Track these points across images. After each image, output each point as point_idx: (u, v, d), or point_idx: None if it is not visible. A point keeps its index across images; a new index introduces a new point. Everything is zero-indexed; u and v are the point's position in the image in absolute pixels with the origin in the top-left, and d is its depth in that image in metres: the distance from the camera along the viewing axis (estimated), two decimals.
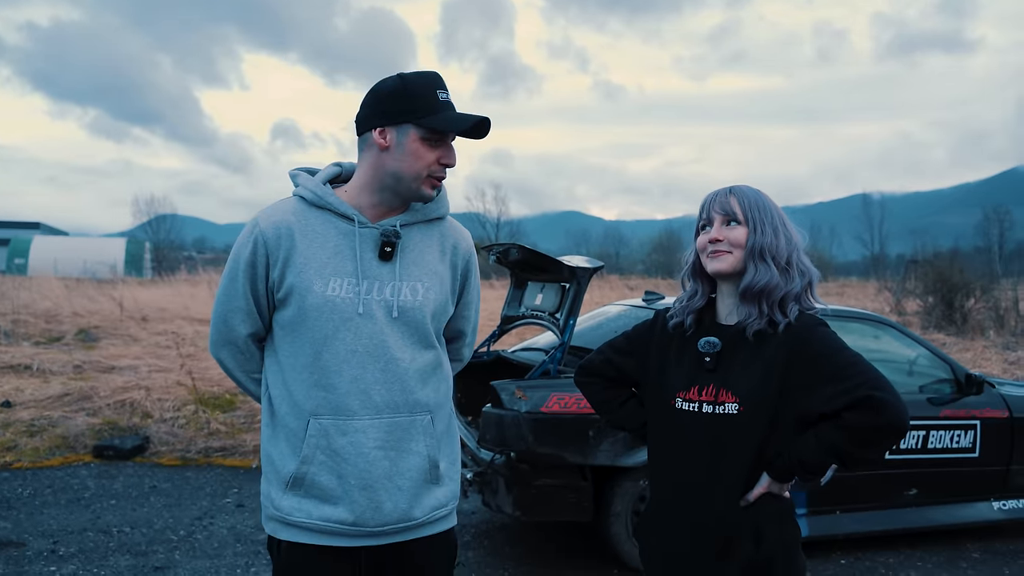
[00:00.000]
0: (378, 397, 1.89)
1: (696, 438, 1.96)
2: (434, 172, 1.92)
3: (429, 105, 1.88)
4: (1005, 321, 19.07)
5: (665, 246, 71.89)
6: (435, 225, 2.04)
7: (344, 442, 1.87)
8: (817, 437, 1.85)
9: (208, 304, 17.10)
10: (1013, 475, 5.31)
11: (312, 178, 2.00)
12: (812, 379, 1.86)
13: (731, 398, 1.92)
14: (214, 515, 5.35)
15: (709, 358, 1.97)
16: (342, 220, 1.93)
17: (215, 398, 8.26)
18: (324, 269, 1.89)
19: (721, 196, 2.02)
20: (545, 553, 4.83)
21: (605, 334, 5.20)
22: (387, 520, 1.90)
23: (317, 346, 1.89)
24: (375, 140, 1.91)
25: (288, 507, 1.92)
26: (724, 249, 1.97)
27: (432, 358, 1.98)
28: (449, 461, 2.04)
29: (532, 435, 4.22)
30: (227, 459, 6.76)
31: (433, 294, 1.97)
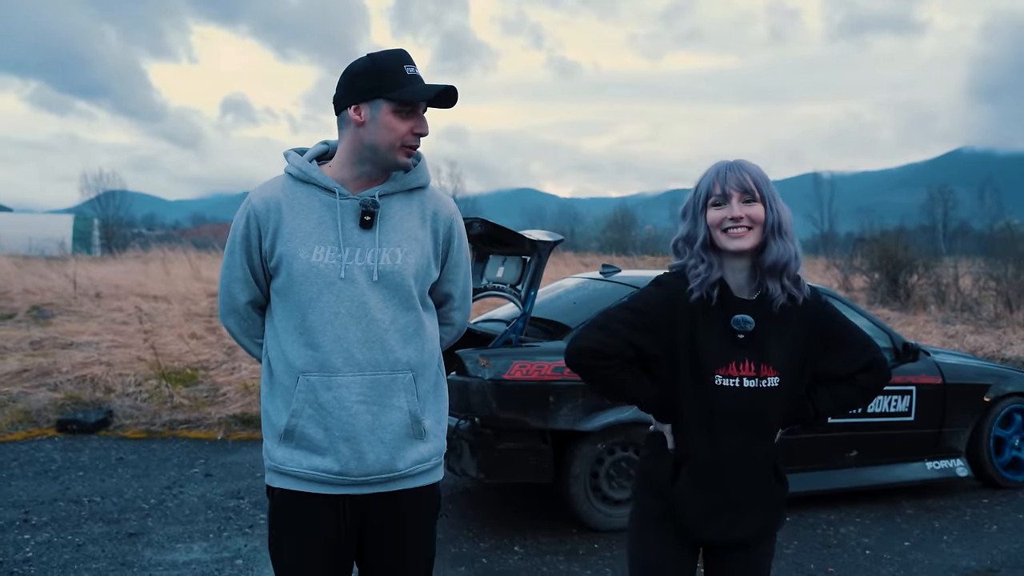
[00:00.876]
0: (360, 355, 2.04)
1: (736, 409, 2.09)
2: (407, 141, 2.07)
3: (397, 79, 2.03)
4: (946, 297, 19.74)
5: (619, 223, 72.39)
6: (416, 194, 2.18)
7: (329, 396, 2.03)
8: (833, 393, 2.17)
9: (161, 280, 16.99)
10: (944, 437, 5.65)
11: (299, 156, 2.17)
12: (832, 348, 2.14)
13: (772, 372, 2.07)
14: (183, 484, 5.47)
15: (743, 335, 2.07)
16: (325, 193, 2.10)
17: (177, 372, 8.32)
18: (308, 238, 2.06)
19: (736, 172, 2.06)
20: (506, 515, 5.04)
21: (563, 305, 5.41)
22: (370, 470, 2.06)
23: (303, 308, 2.05)
24: (351, 117, 2.06)
25: (281, 457, 2.09)
26: (745, 226, 2.04)
27: (413, 319, 2.12)
28: (435, 419, 2.19)
29: (495, 401, 4.42)
30: (192, 432, 6.87)
31: (413, 258, 2.10)
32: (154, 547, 4.35)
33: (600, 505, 4.72)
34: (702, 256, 2.09)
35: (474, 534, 4.69)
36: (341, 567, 2.16)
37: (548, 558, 4.37)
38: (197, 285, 16.32)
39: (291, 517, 2.12)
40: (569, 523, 4.79)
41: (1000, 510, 5.43)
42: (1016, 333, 15.01)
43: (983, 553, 4.63)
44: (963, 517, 5.26)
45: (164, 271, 18.47)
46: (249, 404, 7.31)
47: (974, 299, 19.92)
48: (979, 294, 20.40)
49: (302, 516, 2.11)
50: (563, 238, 5.08)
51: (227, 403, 7.40)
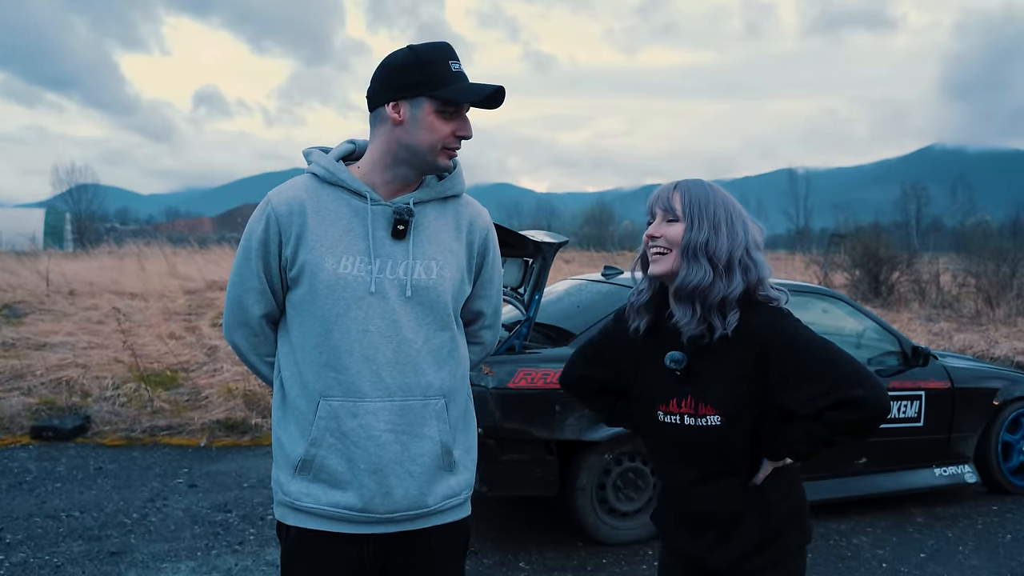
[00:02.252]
0: (390, 379, 1.84)
1: (685, 445, 1.95)
2: (449, 144, 1.88)
3: (442, 76, 1.83)
4: (927, 294, 19.80)
5: (597, 219, 72.41)
6: (450, 203, 1.99)
7: (354, 424, 1.83)
8: (805, 430, 1.86)
9: (137, 277, 16.60)
10: (953, 442, 5.52)
11: (325, 155, 1.96)
12: (787, 379, 1.83)
13: (711, 410, 1.89)
14: (167, 496, 5.22)
15: (679, 372, 1.92)
16: (355, 197, 1.90)
17: (156, 375, 8.03)
18: (336, 247, 1.86)
19: (664, 191, 1.95)
20: (510, 529, 4.84)
21: (564, 308, 5.21)
22: (397, 506, 1.86)
23: (328, 325, 1.85)
24: (388, 115, 1.86)
25: (296, 492, 1.88)
26: (662, 247, 1.90)
27: (447, 340, 1.93)
28: (464, 448, 2.00)
29: (499, 411, 4.22)
30: (174, 438, 6.60)
31: (449, 272, 1.91)
32: (138, 567, 4.10)
33: (607, 518, 4.53)
34: (639, 276, 2.02)
35: (476, 550, 4.48)
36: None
37: (555, 575, 4.17)
38: (174, 282, 15.98)
39: (308, 559, 1.91)
40: (575, 537, 4.60)
41: (1011, 518, 5.30)
42: (999, 331, 15.04)
43: (1001, 565, 4.49)
44: (975, 526, 5.13)
45: (140, 267, 18.05)
46: (233, 408, 7.06)
47: (954, 296, 20.00)
48: (959, 291, 20.49)
49: (320, 558, 1.90)
50: (568, 240, 4.88)
51: (210, 407, 7.14)
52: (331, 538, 1.88)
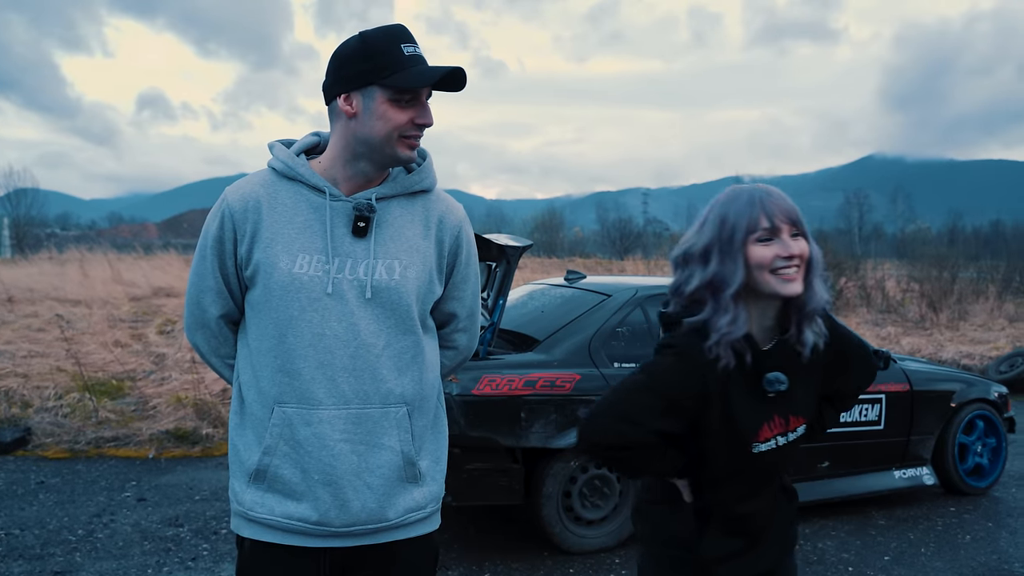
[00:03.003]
0: (346, 386, 1.74)
1: (771, 466, 1.88)
2: (407, 132, 1.76)
3: (393, 62, 1.71)
4: (872, 299, 20.18)
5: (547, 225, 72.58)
6: (419, 198, 1.87)
7: (308, 433, 1.72)
8: (835, 407, 2.06)
9: (79, 284, 16.14)
10: (912, 445, 5.56)
11: (286, 149, 1.84)
12: (845, 367, 1.97)
13: (801, 421, 1.88)
14: (114, 511, 5.00)
15: (774, 395, 1.80)
16: (313, 192, 1.78)
17: (102, 384, 7.75)
18: (292, 244, 1.75)
19: (779, 200, 1.73)
20: (474, 539, 4.73)
21: (529, 313, 5.13)
22: (355, 520, 1.76)
23: (282, 328, 1.74)
24: (341, 108, 1.76)
25: (250, 502, 1.78)
26: (796, 265, 1.72)
27: (411, 344, 1.81)
28: (433, 459, 1.89)
29: (463, 418, 4.11)
30: (120, 450, 6.35)
31: (413, 272, 1.79)
32: None
33: (573, 526, 4.44)
34: (729, 308, 1.72)
35: (440, 560, 4.36)
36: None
37: None
38: (118, 288, 15.56)
39: (263, 573, 1.80)
40: (541, 546, 4.50)
41: (969, 519, 5.35)
42: (943, 335, 15.37)
43: (963, 566, 4.51)
44: (935, 527, 5.16)
45: (82, 273, 17.55)
46: (182, 418, 6.83)
47: (899, 301, 20.42)
48: (903, 296, 20.93)
49: (275, 573, 1.79)
50: (532, 243, 4.80)
51: (158, 417, 6.89)
52: (286, 551, 1.77)
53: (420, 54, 1.76)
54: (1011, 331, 16.18)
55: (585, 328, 4.59)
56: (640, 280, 5.37)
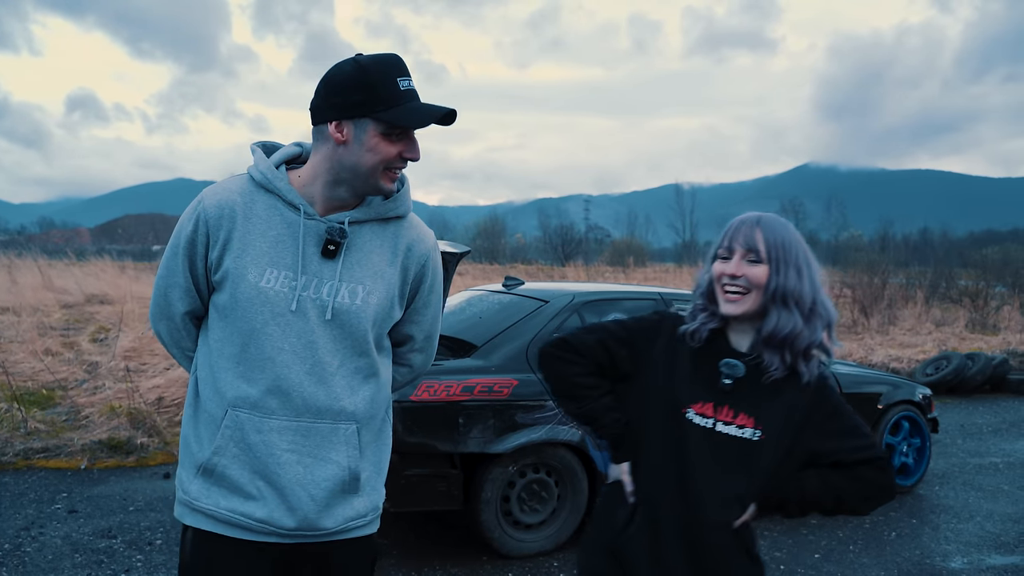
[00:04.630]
0: (299, 400, 1.79)
1: (701, 452, 1.85)
2: (393, 164, 1.81)
3: (389, 96, 1.75)
4: None
5: (489, 232, 72.77)
6: (391, 224, 1.92)
7: (258, 439, 1.78)
8: (824, 480, 1.86)
9: (7, 291, 15.67)
10: None
11: (266, 159, 1.87)
12: (831, 430, 1.87)
13: (752, 423, 1.85)
14: (43, 524, 4.88)
15: (729, 380, 1.86)
16: (289, 208, 1.83)
17: (31, 394, 7.55)
18: (261, 258, 1.80)
19: (747, 227, 1.87)
20: (411, 544, 4.73)
21: (467, 320, 5.16)
22: (296, 526, 1.81)
23: (244, 337, 1.80)
24: (331, 134, 1.79)
25: (196, 492, 1.83)
26: (741, 287, 1.84)
27: (365, 365, 1.86)
28: (375, 470, 1.94)
29: (401, 424, 4.12)
30: (51, 461, 6.17)
31: (375, 298, 1.85)
32: None
33: (512, 531, 4.48)
34: (704, 304, 1.93)
35: (378, 566, 4.35)
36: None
37: None
38: (49, 295, 15.14)
39: (204, 562, 1.84)
40: (480, 551, 4.53)
41: (895, 516, 5.53)
42: (874, 339, 15.83)
43: (888, 561, 4.67)
44: (863, 525, 5.32)
45: (10, 280, 17.02)
46: (116, 428, 6.68)
47: None
48: (836, 302, 21.50)
49: (217, 562, 1.83)
50: (470, 249, 4.83)
51: (91, 427, 6.73)
52: (229, 543, 1.82)
53: (414, 88, 1.80)
54: (938, 335, 16.74)
55: (523, 334, 4.64)
56: (578, 286, 5.44)
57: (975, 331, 18.05)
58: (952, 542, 5.03)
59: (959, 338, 16.40)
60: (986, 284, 21.97)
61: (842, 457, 1.86)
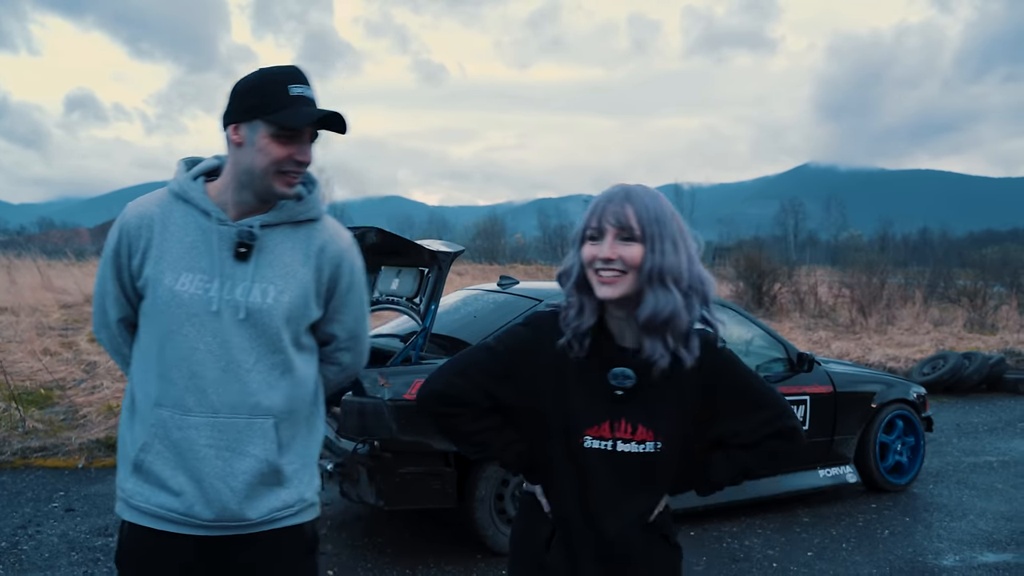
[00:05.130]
0: (215, 397, 1.88)
1: (605, 474, 1.76)
2: (284, 167, 1.88)
3: (279, 100, 1.84)
4: (805, 304, 20.72)
5: (489, 232, 72.85)
6: (303, 227, 1.99)
7: (179, 436, 1.87)
8: (731, 460, 1.83)
9: (6, 291, 15.71)
10: (836, 444, 5.76)
11: (185, 171, 1.98)
12: (735, 407, 1.80)
13: (653, 436, 1.74)
14: (40, 522, 4.90)
15: (622, 391, 1.73)
16: (203, 216, 1.93)
17: (29, 393, 7.57)
18: (177, 263, 1.90)
19: (616, 203, 1.69)
20: (407, 542, 4.76)
21: (461, 319, 5.19)
22: (219, 517, 1.89)
23: (163, 339, 1.90)
24: (231, 137, 1.90)
25: (131, 490, 1.92)
26: (617, 270, 1.68)
27: (280, 362, 1.94)
28: (302, 463, 2.01)
29: (396, 423, 4.15)
30: (48, 460, 6.20)
31: (287, 297, 1.92)
32: None
33: (506, 528, 4.50)
34: (574, 298, 1.76)
35: (372, 565, 4.39)
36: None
37: None
38: (48, 295, 15.17)
39: (137, 554, 1.94)
40: (475, 549, 4.55)
41: (888, 514, 5.56)
42: (871, 338, 15.86)
43: (881, 559, 4.69)
44: (857, 523, 5.35)
45: (9, 280, 17.06)
46: (113, 427, 6.70)
47: (830, 306, 20.99)
48: (834, 301, 21.52)
49: (148, 554, 1.93)
50: (463, 249, 4.86)
51: (88, 426, 6.77)
52: (158, 535, 1.90)
53: (308, 95, 1.88)
54: (935, 334, 16.77)
55: None
56: None
57: (973, 331, 18.07)
58: (945, 540, 5.06)
59: (957, 338, 16.42)
60: (984, 284, 21.99)
61: (747, 438, 1.81)
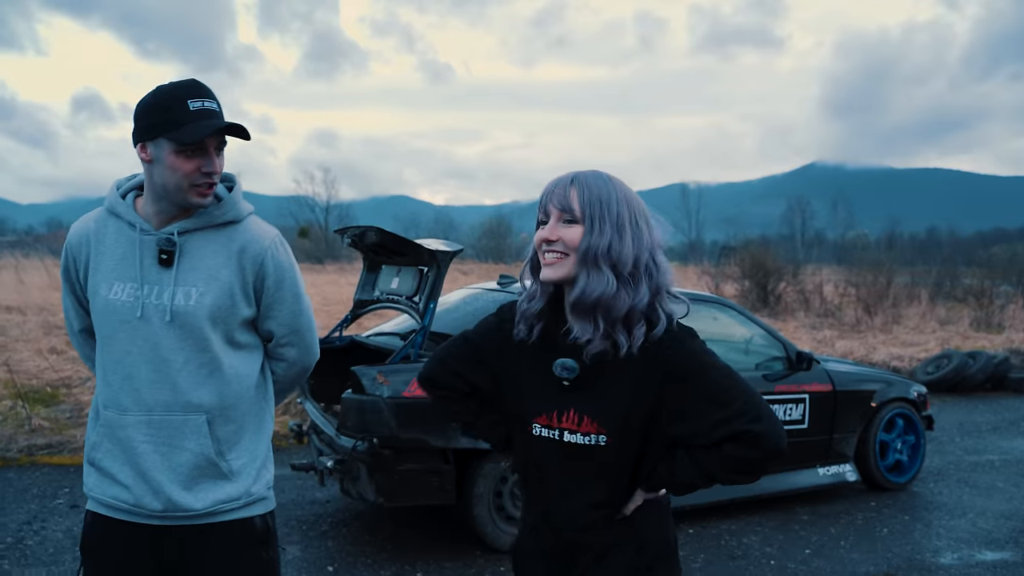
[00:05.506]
0: (148, 396, 1.99)
1: (556, 465, 1.79)
2: (195, 180, 1.95)
3: (178, 117, 1.91)
4: (811, 303, 20.69)
5: (495, 231, 72.79)
6: (224, 229, 2.06)
7: (122, 435, 2.00)
8: (693, 461, 1.73)
9: (16, 290, 15.84)
10: (835, 443, 5.78)
11: (115, 189, 2.10)
12: (688, 405, 1.70)
13: (596, 428, 1.72)
14: (45, 518, 4.96)
15: (567, 382, 1.74)
16: (129, 228, 2.04)
17: (36, 392, 7.64)
18: (110, 274, 2.02)
19: (560, 187, 1.72)
20: (406, 539, 4.80)
21: (461, 317, 5.22)
22: (165, 508, 2.00)
23: (102, 344, 2.04)
24: (140, 155, 1.98)
25: (90, 483, 2.07)
26: (559, 251, 1.70)
27: (208, 360, 2.01)
28: (249, 457, 2.10)
29: (395, 420, 4.19)
30: (54, 457, 6.27)
31: (209, 298, 2.00)
32: None
33: (504, 525, 4.53)
34: (529, 282, 1.80)
35: (372, 561, 4.42)
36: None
37: None
38: (55, 295, 15.22)
39: (97, 540, 2.08)
40: (473, 545, 4.59)
41: (888, 512, 5.58)
42: (876, 338, 15.83)
43: (879, 557, 4.71)
44: (856, 522, 5.37)
45: (17, 280, 17.17)
46: None
47: (836, 305, 20.95)
48: (840, 300, 21.48)
49: (106, 540, 2.06)
50: (463, 248, 4.89)
51: None
52: (113, 523, 2.04)
53: (209, 107, 1.94)
54: (941, 334, 16.72)
55: None
56: None
57: (980, 330, 18.02)
58: (944, 538, 5.08)
59: (963, 337, 16.39)
60: (991, 283, 21.92)
61: (702, 441, 1.70)
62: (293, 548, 4.59)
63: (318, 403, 5.26)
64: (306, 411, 5.36)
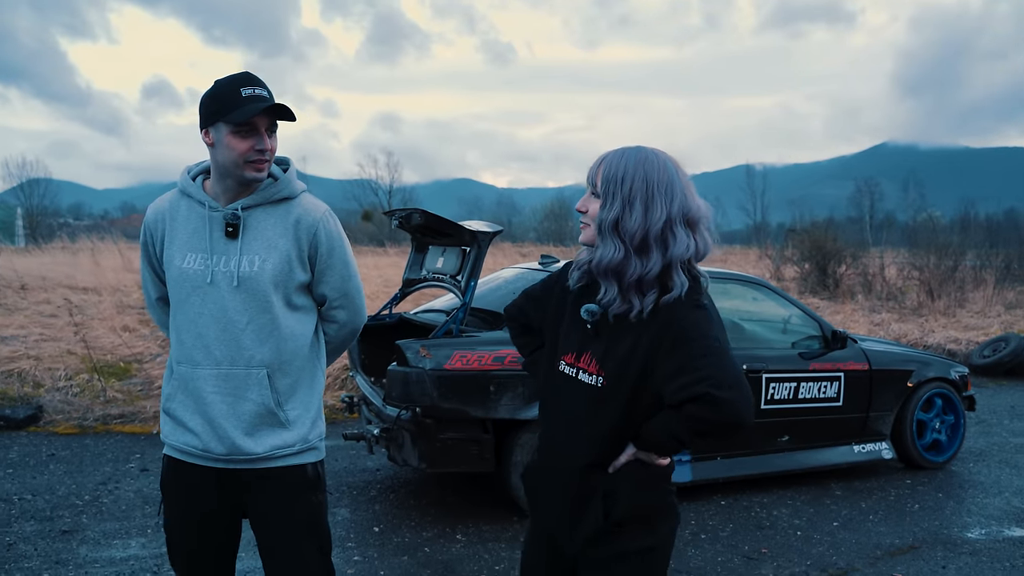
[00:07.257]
0: (217, 352, 2.27)
1: (569, 401, 2.00)
2: (250, 157, 2.23)
3: (233, 103, 2.19)
4: (872, 286, 20.39)
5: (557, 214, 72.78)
6: (281, 205, 2.35)
7: (193, 387, 2.29)
8: (665, 420, 1.85)
9: (91, 272, 16.58)
10: (871, 421, 5.87)
11: (186, 173, 2.39)
12: (666, 366, 1.83)
13: (597, 370, 1.94)
14: (119, 480, 5.38)
15: (591, 325, 1.96)
16: (199, 206, 2.33)
17: (110, 366, 8.14)
18: (184, 246, 2.31)
19: (595, 164, 1.97)
20: (448, 503, 5.08)
21: (503, 295, 5.46)
22: (229, 452, 2.27)
23: (176, 308, 2.33)
24: (204, 140, 2.28)
25: (165, 430, 2.38)
26: (585, 221, 1.97)
27: (269, 320, 2.29)
28: (303, 408, 2.37)
29: (436, 391, 4.45)
30: (126, 426, 6.74)
31: (271, 265, 2.28)
32: (89, 544, 4.28)
33: None
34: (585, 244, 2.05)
35: (416, 523, 4.72)
36: (224, 537, 2.38)
37: (490, 545, 4.42)
38: (129, 276, 15.94)
39: (173, 481, 2.37)
40: (510, 511, 4.85)
41: (922, 490, 5.66)
42: (937, 321, 15.59)
43: (905, 531, 4.83)
44: (888, 497, 5.48)
45: (94, 262, 17.98)
46: None
47: (899, 288, 20.60)
48: (903, 283, 21.11)
49: (182, 483, 2.35)
50: (502, 228, 5.13)
51: None
52: (185, 467, 2.33)
53: (259, 93, 2.23)
54: (1006, 317, 16.38)
55: None
56: None
57: None
58: (974, 515, 5.16)
59: None
60: None
61: (671, 399, 1.82)
62: (343, 511, 4.91)
63: (368, 377, 5.56)
64: (357, 384, 5.67)
